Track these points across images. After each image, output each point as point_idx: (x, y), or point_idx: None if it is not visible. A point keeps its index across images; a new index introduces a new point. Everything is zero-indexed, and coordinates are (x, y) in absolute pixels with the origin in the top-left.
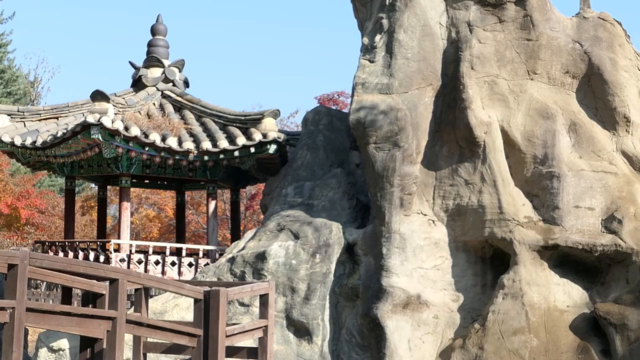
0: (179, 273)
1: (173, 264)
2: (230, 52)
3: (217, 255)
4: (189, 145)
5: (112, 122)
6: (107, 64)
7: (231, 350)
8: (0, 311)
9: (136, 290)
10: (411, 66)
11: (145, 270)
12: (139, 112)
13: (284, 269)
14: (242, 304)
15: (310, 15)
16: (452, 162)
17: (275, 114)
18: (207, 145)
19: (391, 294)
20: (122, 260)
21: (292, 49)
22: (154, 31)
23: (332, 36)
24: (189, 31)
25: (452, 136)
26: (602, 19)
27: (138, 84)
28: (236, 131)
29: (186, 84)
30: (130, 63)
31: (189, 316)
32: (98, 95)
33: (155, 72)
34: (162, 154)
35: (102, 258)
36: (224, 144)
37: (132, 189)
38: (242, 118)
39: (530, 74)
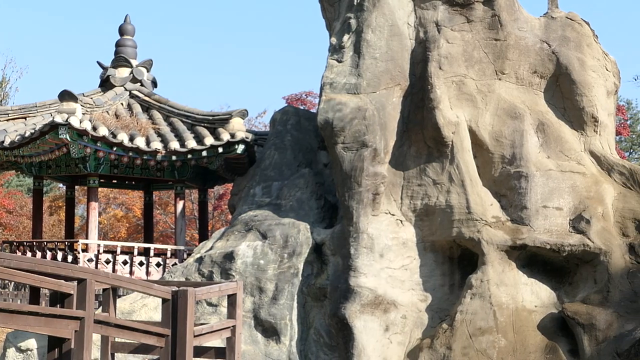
0: (147, 273)
1: (141, 264)
2: (198, 52)
3: (185, 255)
4: (156, 145)
5: (80, 122)
6: (75, 64)
7: (199, 350)
8: None
9: (104, 290)
10: (379, 66)
11: (113, 270)
12: (107, 112)
13: (252, 269)
14: (210, 304)
15: (278, 15)
16: (420, 162)
17: (243, 114)
18: (175, 145)
19: (359, 294)
20: (90, 260)
21: (260, 49)
22: (122, 31)
23: (300, 36)
24: (157, 31)
25: (420, 136)
26: (570, 19)
27: (106, 84)
28: (204, 131)
29: (154, 84)
30: (98, 63)
31: (157, 316)
32: (66, 95)
33: (123, 72)
34: (130, 153)
35: (70, 258)
36: (191, 144)
37: (100, 189)
38: (210, 118)
39: (498, 74)
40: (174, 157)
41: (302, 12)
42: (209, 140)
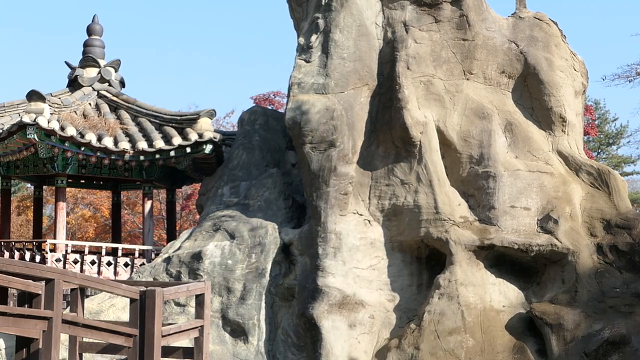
0: (115, 273)
1: (109, 264)
2: (166, 52)
3: (153, 255)
4: (124, 145)
5: (48, 122)
6: (43, 63)
7: (167, 350)
8: None
9: (72, 290)
10: (347, 66)
11: (81, 270)
12: (75, 112)
13: (220, 268)
14: (178, 304)
15: (246, 15)
16: (388, 162)
17: (211, 114)
18: (143, 145)
19: (327, 294)
20: (58, 260)
21: (228, 49)
22: (90, 31)
23: (268, 36)
24: (126, 31)
25: (388, 136)
26: (538, 19)
27: (74, 84)
28: (172, 131)
29: (122, 84)
30: (66, 63)
31: (125, 316)
32: (34, 95)
33: (91, 72)
34: (98, 153)
35: (38, 258)
36: (159, 144)
37: (68, 189)
38: (178, 118)
39: (466, 74)
40: (141, 157)
41: (270, 12)
42: (177, 140)
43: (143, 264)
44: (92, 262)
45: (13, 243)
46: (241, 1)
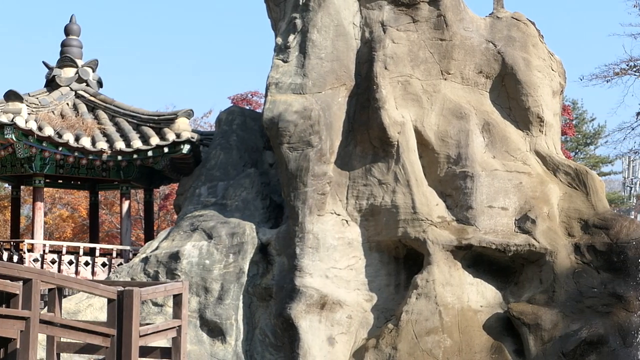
0: (93, 273)
1: (87, 264)
2: (144, 52)
3: (130, 255)
4: (102, 145)
5: (26, 122)
6: (21, 63)
7: (145, 350)
8: None
9: (50, 290)
10: (325, 66)
11: (59, 270)
12: (53, 112)
13: (198, 269)
14: (155, 304)
15: (224, 15)
16: (365, 162)
17: (189, 114)
18: (120, 145)
19: (304, 294)
20: (35, 260)
21: (206, 49)
22: (67, 31)
23: (245, 36)
24: (103, 31)
25: (366, 136)
26: (516, 19)
27: (52, 84)
28: (150, 131)
29: (100, 84)
30: (44, 63)
31: (103, 316)
32: (11, 95)
33: (69, 72)
34: (76, 153)
35: (15, 258)
36: (137, 144)
37: (45, 189)
38: (156, 118)
39: (444, 74)
40: (119, 157)
41: (247, 12)
42: (155, 140)
43: (121, 264)
44: (70, 262)
45: None
46: (219, 1)
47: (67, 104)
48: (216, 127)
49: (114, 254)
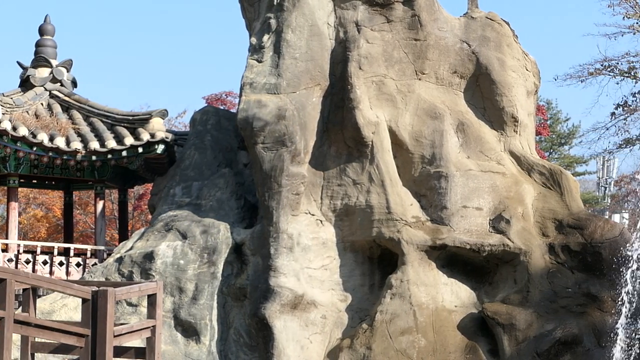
0: (67, 273)
1: (61, 264)
2: (118, 52)
3: (105, 256)
4: (76, 145)
5: (0, 122)
6: None
7: (119, 350)
8: None
9: (24, 290)
10: (299, 66)
11: (33, 270)
12: (27, 112)
13: (172, 269)
14: (130, 304)
15: (198, 15)
16: (340, 162)
17: (163, 114)
18: (94, 145)
19: (279, 294)
20: (9, 260)
21: (180, 49)
22: (42, 31)
23: (220, 36)
24: (77, 31)
25: (340, 136)
26: (490, 19)
27: (26, 84)
28: (124, 131)
29: (74, 84)
30: (18, 63)
31: (77, 316)
32: None
33: (43, 72)
34: (50, 154)
35: None
36: (111, 144)
37: (20, 189)
38: (130, 118)
39: (418, 74)
40: (93, 157)
41: (222, 12)
42: (129, 140)
43: (95, 264)
44: (44, 262)
45: None
46: (193, 1)
47: (42, 104)
48: (190, 127)
49: (89, 254)
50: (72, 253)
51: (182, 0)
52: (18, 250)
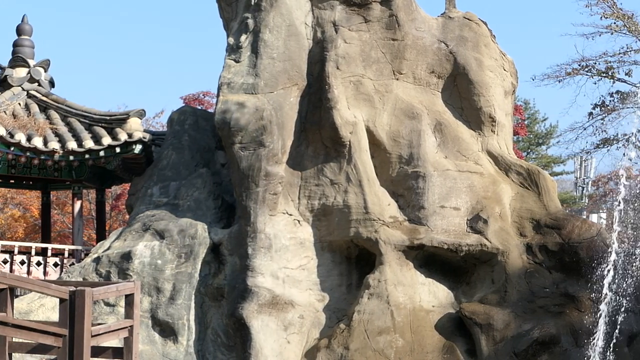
0: (45, 273)
1: (38, 264)
2: (96, 52)
3: (82, 255)
4: (54, 145)
5: None
6: None
7: (97, 350)
8: None
9: (1, 290)
10: (277, 66)
11: (11, 270)
12: (5, 112)
13: (150, 268)
14: (107, 304)
15: (176, 15)
16: (317, 162)
17: (141, 114)
18: (72, 145)
19: (256, 294)
20: None
21: (158, 49)
22: (19, 31)
23: (197, 36)
24: (55, 31)
25: (318, 136)
26: (468, 19)
27: (3, 84)
28: (102, 131)
29: (52, 84)
30: None
31: (55, 316)
32: None
33: (21, 72)
34: (28, 153)
35: None
36: (89, 143)
37: None
38: (108, 118)
39: (396, 74)
40: (71, 157)
41: (199, 12)
42: (107, 140)
43: (73, 264)
44: (22, 262)
45: None
46: (170, 1)
47: (19, 104)
48: (168, 127)
49: (66, 254)
50: (49, 253)
51: (159, 1)
52: None
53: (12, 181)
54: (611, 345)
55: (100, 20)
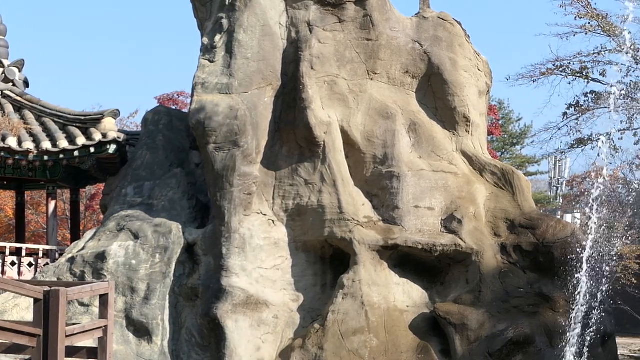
0: (19, 273)
1: (13, 263)
2: (70, 52)
3: (57, 255)
4: (28, 145)
5: None
6: None
7: (71, 350)
8: None
9: None
10: (251, 66)
11: None
12: None
13: (124, 268)
14: (82, 304)
15: (150, 16)
16: (292, 162)
17: (115, 114)
18: (47, 145)
19: (231, 294)
20: None
21: (132, 49)
22: None
23: (172, 36)
24: (30, 31)
25: (292, 136)
26: (442, 19)
27: None
28: (76, 131)
29: (26, 83)
30: None
31: (29, 316)
32: None
33: None
34: (2, 153)
35: None
36: (63, 144)
37: None
38: (82, 118)
39: (370, 74)
40: (45, 157)
41: (174, 13)
42: (81, 140)
43: (47, 264)
44: None
45: None
46: (145, 1)
47: None
48: (142, 127)
49: (41, 254)
50: (24, 253)
51: (134, 1)
52: None
53: None
54: (585, 345)
55: (75, 20)
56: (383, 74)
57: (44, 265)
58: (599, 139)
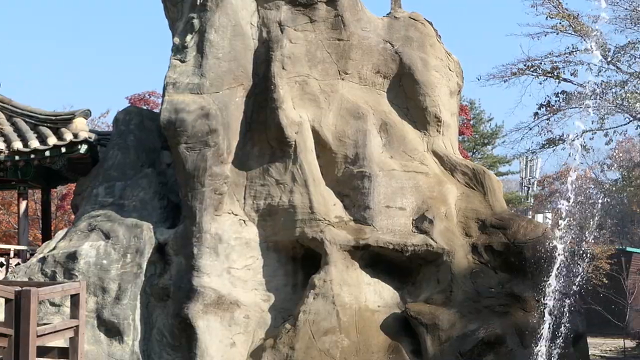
0: None
1: None
2: (42, 52)
3: (28, 255)
4: None
5: None
6: None
7: (42, 350)
8: None
9: None
10: (222, 66)
11: None
12: None
13: (95, 268)
14: (53, 304)
15: (121, 15)
16: (263, 162)
17: (86, 114)
18: (18, 145)
19: (202, 294)
20: None
21: (103, 49)
22: None
23: (142, 36)
24: (1, 31)
25: (264, 136)
26: (413, 19)
27: None
28: (47, 131)
29: None
30: None
31: (0, 316)
32: None
33: None
34: None
35: None
36: (34, 143)
37: None
38: (53, 118)
39: (342, 74)
40: (17, 157)
41: (145, 12)
42: (52, 140)
43: (18, 264)
44: None
45: None
46: (116, 1)
47: None
48: (114, 127)
49: (12, 254)
50: None
51: (104, 1)
52: None
53: None
54: (557, 345)
55: (46, 20)
56: (354, 74)
57: (15, 265)
58: (570, 139)
